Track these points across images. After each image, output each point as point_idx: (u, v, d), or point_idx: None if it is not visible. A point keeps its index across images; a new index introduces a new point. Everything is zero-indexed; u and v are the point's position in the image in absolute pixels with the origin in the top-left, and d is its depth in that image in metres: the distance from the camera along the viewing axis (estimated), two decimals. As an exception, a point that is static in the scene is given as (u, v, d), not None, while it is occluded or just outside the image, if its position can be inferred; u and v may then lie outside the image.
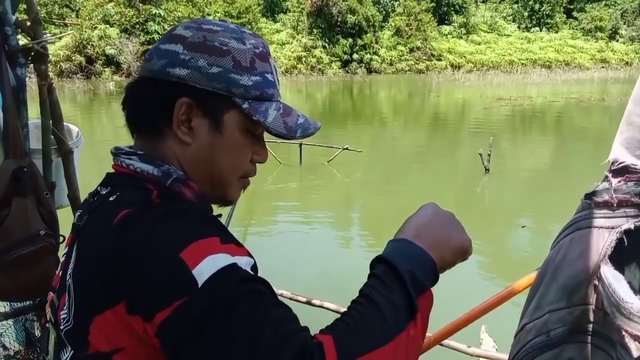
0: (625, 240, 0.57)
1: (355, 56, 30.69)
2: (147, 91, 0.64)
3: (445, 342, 2.04)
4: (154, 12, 26.16)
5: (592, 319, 0.59)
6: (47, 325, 0.65)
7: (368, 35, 30.83)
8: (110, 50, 24.35)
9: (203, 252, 0.51)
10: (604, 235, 0.59)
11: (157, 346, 0.51)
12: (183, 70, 0.61)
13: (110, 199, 0.59)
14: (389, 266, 0.55)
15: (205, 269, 0.50)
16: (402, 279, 0.53)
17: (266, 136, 0.71)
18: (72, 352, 0.56)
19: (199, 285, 0.49)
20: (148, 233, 0.53)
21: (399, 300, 0.52)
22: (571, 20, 39.61)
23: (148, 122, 0.64)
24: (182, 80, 0.61)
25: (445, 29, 36.02)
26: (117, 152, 0.65)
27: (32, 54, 1.66)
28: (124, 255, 0.53)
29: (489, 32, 37.72)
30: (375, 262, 0.57)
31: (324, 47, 30.29)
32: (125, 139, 0.75)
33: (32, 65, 1.69)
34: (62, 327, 0.57)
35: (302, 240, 4.18)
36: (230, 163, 0.67)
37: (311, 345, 0.48)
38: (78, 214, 0.65)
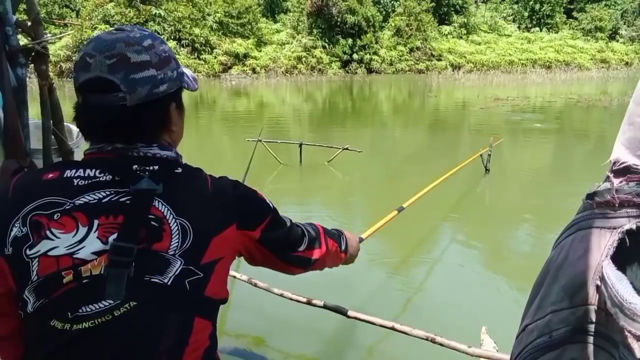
0: (627, 240, 0.57)
1: (355, 56, 30.68)
2: (147, 113, 0.81)
3: (446, 342, 2.03)
4: (154, 13, 26.16)
5: (594, 320, 0.59)
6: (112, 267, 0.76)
7: (368, 35, 30.82)
8: (110, 51, 24.29)
9: (263, 195, 0.95)
10: (605, 236, 0.59)
11: (250, 247, 0.91)
12: (164, 86, 0.82)
13: (176, 171, 0.85)
14: (344, 237, 1.25)
15: (269, 202, 0.95)
16: (346, 242, 1.25)
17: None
18: (182, 266, 0.77)
19: (272, 208, 0.95)
20: (237, 184, 0.91)
21: (342, 244, 1.23)
22: (571, 20, 39.61)
23: (147, 132, 0.84)
24: (166, 92, 0.82)
25: (446, 29, 36.02)
26: (131, 147, 0.82)
27: (33, 54, 1.66)
28: (232, 198, 0.87)
29: (489, 32, 37.73)
30: (340, 230, 1.25)
31: (324, 47, 30.27)
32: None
33: (32, 65, 1.69)
34: (171, 252, 0.77)
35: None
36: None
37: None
38: (141, 183, 0.79)
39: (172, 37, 26.61)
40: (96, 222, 0.75)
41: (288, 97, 19.41)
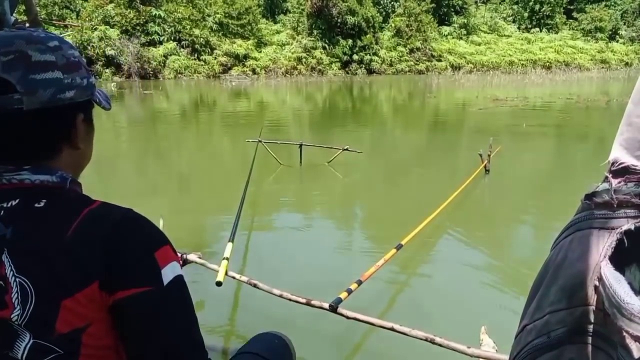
0: (625, 241, 0.57)
1: (355, 57, 30.71)
2: (47, 121, 0.69)
3: (445, 342, 2.03)
4: (154, 14, 26.17)
5: (592, 320, 0.59)
6: None
7: (368, 36, 30.86)
8: (110, 51, 24.38)
9: (168, 257, 0.68)
10: (604, 236, 0.59)
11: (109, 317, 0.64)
12: (71, 92, 0.71)
13: (37, 206, 0.66)
14: None
15: (169, 271, 0.67)
16: None
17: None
18: (31, 339, 0.62)
19: (164, 283, 0.66)
20: (129, 227, 0.68)
21: None
22: (571, 20, 39.68)
23: (47, 145, 0.71)
24: (72, 100, 0.71)
25: (446, 29, 36.08)
26: None
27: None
28: (102, 243, 0.64)
29: (489, 33, 37.79)
30: None
31: (324, 48, 30.31)
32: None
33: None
34: (15, 321, 0.62)
35: (302, 240, 4.19)
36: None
37: None
38: None
39: (172, 37, 26.63)
40: None
41: (288, 98, 19.42)
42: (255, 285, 2.57)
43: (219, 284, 2.50)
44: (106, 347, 0.65)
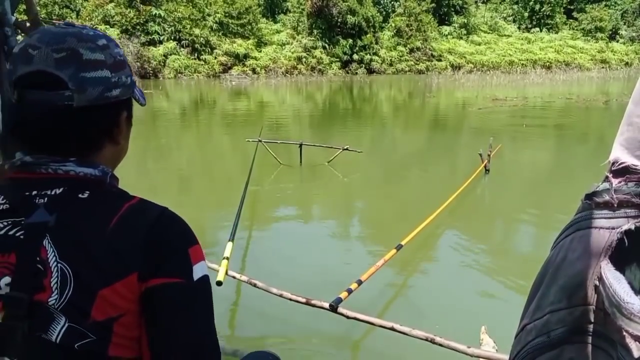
0: (625, 240, 0.57)
1: (355, 57, 30.71)
2: (94, 118, 0.72)
3: (445, 342, 2.03)
4: (154, 13, 26.17)
5: (592, 320, 0.59)
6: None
7: (368, 35, 30.85)
8: (110, 51, 24.31)
9: (199, 256, 0.72)
10: (604, 236, 0.59)
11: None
12: (117, 90, 0.74)
13: (80, 196, 0.69)
14: None
15: (199, 269, 0.71)
16: None
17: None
18: (67, 323, 0.64)
19: (195, 279, 0.69)
20: (167, 223, 0.71)
21: None
22: (571, 20, 39.67)
23: (91, 141, 0.74)
24: (117, 98, 0.74)
25: (446, 29, 36.06)
26: (39, 162, 0.70)
27: (32, 54, 1.65)
28: (142, 239, 0.67)
29: (489, 33, 37.77)
30: None
31: (324, 47, 30.30)
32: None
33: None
34: (52, 305, 0.64)
35: (302, 240, 4.18)
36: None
37: None
38: (34, 215, 0.67)
39: (172, 37, 26.62)
40: None
41: (288, 97, 19.41)
42: (255, 285, 2.57)
43: (219, 283, 2.50)
44: (135, 339, 0.67)
